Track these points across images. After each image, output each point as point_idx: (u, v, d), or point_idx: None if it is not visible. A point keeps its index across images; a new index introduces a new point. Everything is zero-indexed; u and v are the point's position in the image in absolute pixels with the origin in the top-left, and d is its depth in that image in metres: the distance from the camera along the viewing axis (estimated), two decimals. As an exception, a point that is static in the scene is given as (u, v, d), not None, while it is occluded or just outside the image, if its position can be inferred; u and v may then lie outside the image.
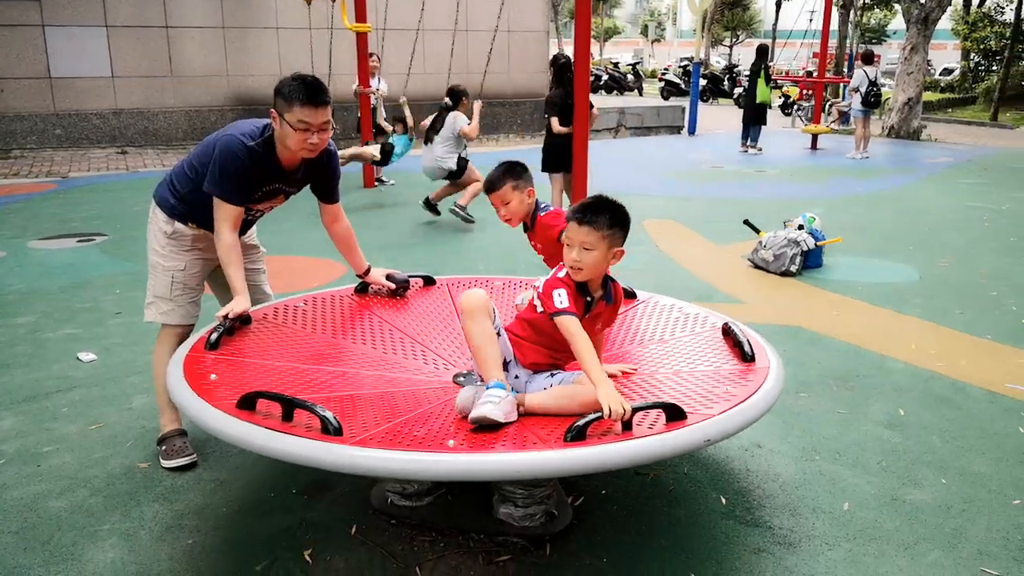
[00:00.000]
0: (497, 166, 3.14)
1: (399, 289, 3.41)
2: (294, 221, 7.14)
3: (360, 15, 9.37)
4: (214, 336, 2.68)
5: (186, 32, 13.17)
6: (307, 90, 2.72)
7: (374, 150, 8.69)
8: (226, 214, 2.85)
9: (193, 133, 13.40)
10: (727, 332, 2.91)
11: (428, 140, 7.45)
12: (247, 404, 2.19)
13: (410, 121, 8.69)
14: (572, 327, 2.32)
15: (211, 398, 2.26)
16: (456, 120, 7.28)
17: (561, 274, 2.44)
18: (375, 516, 2.63)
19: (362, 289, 3.41)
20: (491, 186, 3.10)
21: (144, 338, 4.17)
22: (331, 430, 2.05)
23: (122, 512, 2.70)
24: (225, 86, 13.67)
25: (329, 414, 2.08)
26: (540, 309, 2.45)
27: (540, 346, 2.54)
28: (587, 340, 2.31)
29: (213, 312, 2.90)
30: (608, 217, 2.39)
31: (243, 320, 2.86)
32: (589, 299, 2.46)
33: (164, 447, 3.01)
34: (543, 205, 3.18)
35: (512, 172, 3.08)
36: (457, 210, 7.33)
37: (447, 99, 7.41)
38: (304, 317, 3.12)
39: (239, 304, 2.83)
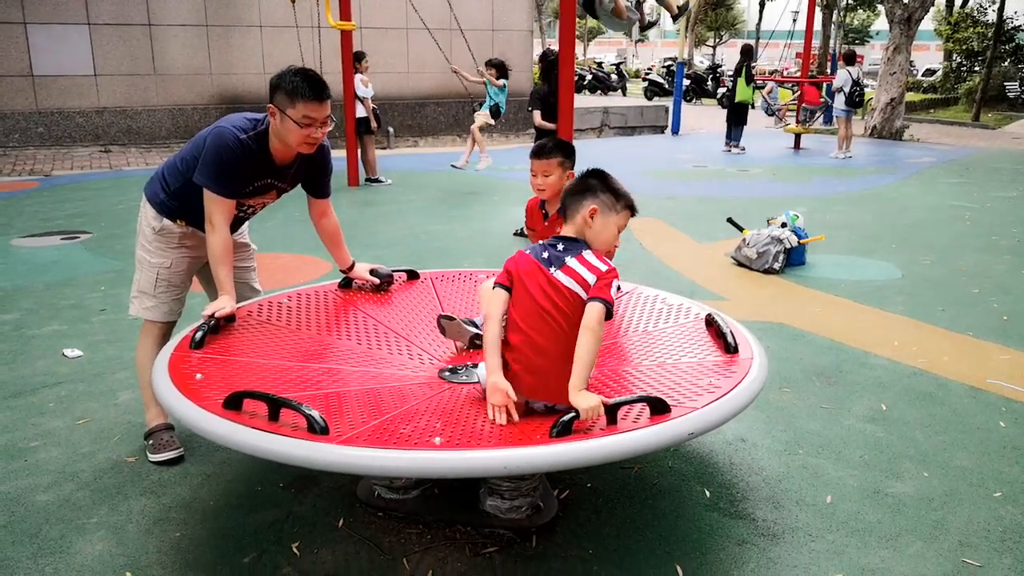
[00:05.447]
0: (552, 137, 3.25)
1: (383, 284, 3.41)
2: (278, 218, 7.12)
3: (344, 13, 9.36)
4: (199, 335, 2.66)
5: (169, 30, 13.11)
6: (311, 85, 2.70)
7: (484, 116, 9.08)
8: (218, 208, 2.82)
9: (176, 132, 13.33)
10: (710, 323, 2.94)
11: None
12: (233, 404, 2.18)
13: (493, 76, 8.97)
14: (601, 324, 2.26)
15: (197, 398, 2.25)
16: None
17: (605, 267, 2.33)
18: (362, 509, 2.64)
19: (346, 284, 3.41)
20: (542, 151, 3.16)
21: (129, 334, 4.15)
22: (317, 429, 2.05)
23: (110, 506, 2.70)
24: (209, 84, 13.61)
25: (315, 413, 2.09)
26: (581, 293, 2.28)
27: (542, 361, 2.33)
28: None
29: (199, 308, 2.90)
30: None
31: (228, 318, 2.85)
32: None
33: (151, 441, 3.00)
34: None
35: (564, 149, 3.19)
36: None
37: None
38: (289, 313, 3.11)
39: (226, 304, 2.81)
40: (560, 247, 2.38)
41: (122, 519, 2.62)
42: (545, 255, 2.37)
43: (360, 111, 9.65)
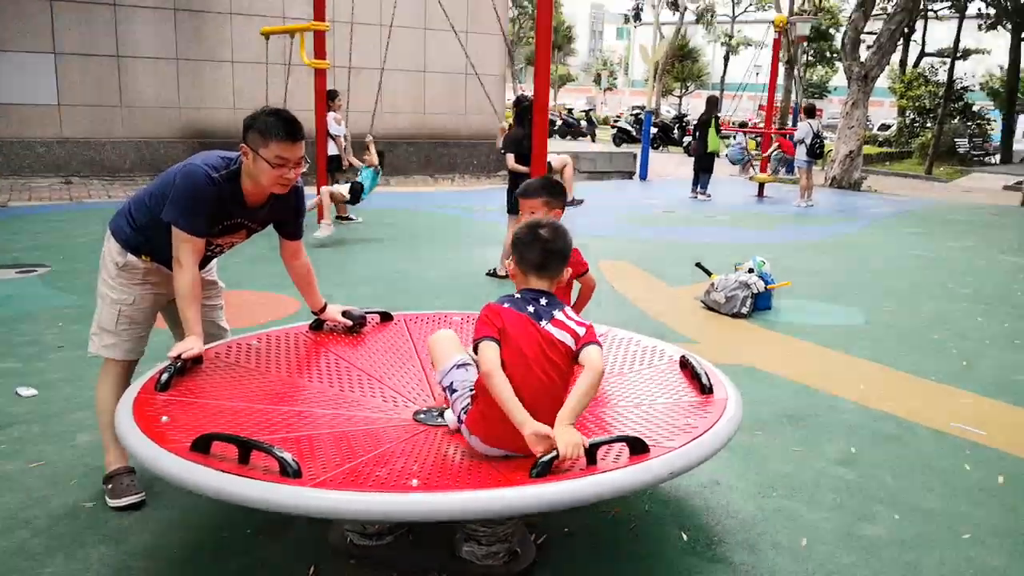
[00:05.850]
0: (542, 177, 3.35)
1: (356, 325, 3.36)
2: (246, 255, 7.02)
3: (319, 52, 9.38)
4: (165, 376, 2.58)
5: (138, 62, 13.03)
6: (285, 126, 2.68)
7: (343, 190, 8.77)
8: (186, 246, 2.76)
9: (142, 165, 13.18)
10: (684, 364, 2.95)
11: None
12: (201, 447, 2.11)
13: (374, 158, 8.79)
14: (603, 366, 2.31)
15: (163, 441, 2.18)
16: None
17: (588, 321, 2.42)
18: (333, 556, 2.56)
19: (317, 326, 3.35)
20: (526, 193, 3.23)
21: (88, 373, 4.01)
22: (290, 472, 2.00)
23: (65, 554, 2.56)
24: (177, 118, 13.52)
25: (288, 455, 2.03)
26: (572, 345, 2.33)
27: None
28: None
29: (164, 346, 2.82)
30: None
31: (195, 360, 2.77)
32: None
33: (110, 485, 2.87)
34: None
35: (548, 189, 3.25)
36: None
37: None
38: (258, 355, 3.04)
39: (193, 345, 2.73)
40: (544, 301, 2.39)
41: (79, 568, 2.49)
42: (531, 308, 2.35)
43: (332, 149, 9.65)
